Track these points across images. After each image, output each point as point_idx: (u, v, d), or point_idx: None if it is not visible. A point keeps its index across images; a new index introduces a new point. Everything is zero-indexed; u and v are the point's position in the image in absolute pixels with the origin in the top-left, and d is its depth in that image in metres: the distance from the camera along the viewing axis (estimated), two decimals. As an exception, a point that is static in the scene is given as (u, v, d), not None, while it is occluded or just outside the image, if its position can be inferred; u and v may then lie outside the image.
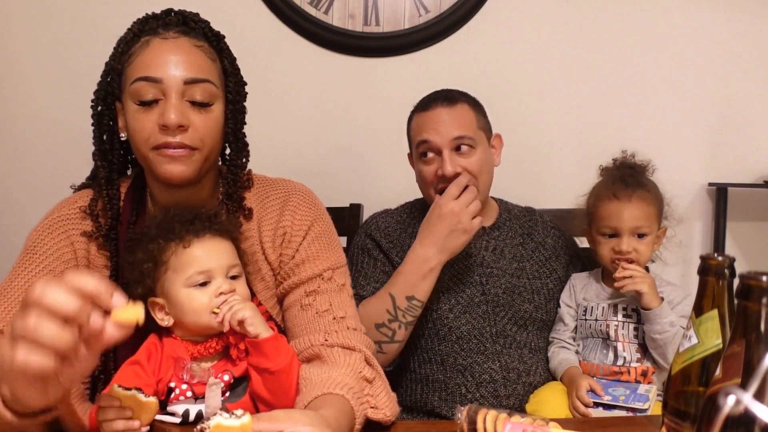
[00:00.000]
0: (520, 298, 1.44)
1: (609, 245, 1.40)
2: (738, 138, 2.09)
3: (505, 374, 1.38)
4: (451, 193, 1.34)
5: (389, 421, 0.98)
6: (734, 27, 2.06)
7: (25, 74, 2.02)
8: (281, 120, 2.04)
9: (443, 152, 1.39)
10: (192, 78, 0.99)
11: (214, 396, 0.95)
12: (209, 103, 1.02)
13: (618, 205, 1.38)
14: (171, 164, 0.99)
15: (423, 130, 1.42)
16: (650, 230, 1.39)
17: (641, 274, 1.34)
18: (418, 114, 1.46)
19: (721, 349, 0.67)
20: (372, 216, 1.56)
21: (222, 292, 0.97)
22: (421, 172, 1.44)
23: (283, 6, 1.99)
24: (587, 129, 2.07)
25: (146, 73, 0.99)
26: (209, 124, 1.02)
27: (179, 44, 1.01)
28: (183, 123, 0.98)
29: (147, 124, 0.98)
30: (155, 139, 0.98)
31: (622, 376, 1.35)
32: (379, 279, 1.43)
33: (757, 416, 0.47)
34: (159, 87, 0.98)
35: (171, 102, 0.97)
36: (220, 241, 1.01)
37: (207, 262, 0.98)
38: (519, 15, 2.04)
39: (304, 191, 1.16)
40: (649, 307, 1.32)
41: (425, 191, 1.47)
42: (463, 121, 1.41)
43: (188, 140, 0.99)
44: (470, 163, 1.40)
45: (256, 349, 0.94)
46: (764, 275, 0.54)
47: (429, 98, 1.46)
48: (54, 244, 1.04)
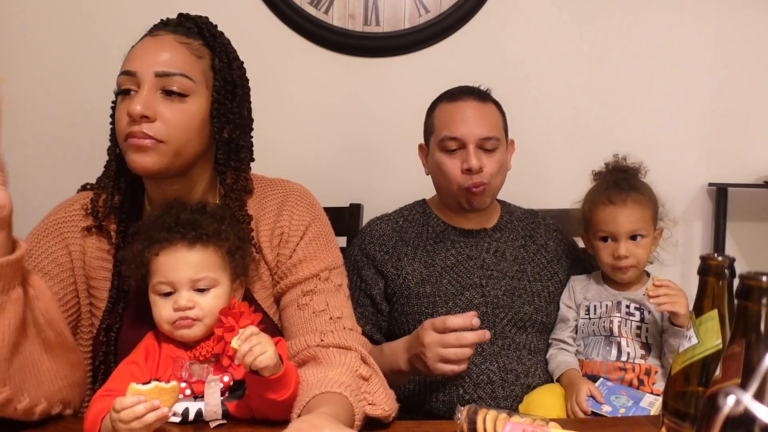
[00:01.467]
0: (520, 300, 1.44)
1: (607, 250, 1.40)
2: (738, 138, 2.09)
3: (503, 376, 1.38)
4: (449, 341, 1.17)
5: (388, 417, 0.98)
6: (734, 27, 2.06)
7: (24, 74, 2.01)
8: (281, 120, 2.04)
9: (468, 147, 1.38)
10: (163, 71, 1.01)
11: (213, 393, 0.94)
12: (184, 94, 1.02)
13: (613, 209, 1.39)
14: (137, 154, 1.00)
15: (452, 122, 1.41)
16: (647, 232, 1.39)
17: (675, 291, 1.30)
18: (445, 103, 1.45)
19: (721, 350, 0.67)
20: (367, 224, 1.55)
21: (178, 308, 0.95)
22: (443, 165, 1.42)
23: (283, 6, 1.99)
24: (587, 129, 2.07)
25: (126, 67, 1.03)
26: (180, 117, 1.02)
27: (161, 40, 1.04)
28: (147, 113, 0.99)
29: (122, 115, 1.01)
30: (123, 129, 1.01)
31: (626, 374, 1.35)
32: (363, 303, 1.45)
33: (756, 416, 0.47)
34: (134, 80, 1.01)
35: (140, 93, 1.00)
36: (195, 251, 0.98)
37: (170, 273, 0.96)
38: (519, 15, 2.04)
39: (302, 191, 1.16)
40: (682, 326, 1.29)
41: (443, 183, 1.45)
42: (492, 120, 1.42)
43: (152, 131, 1.00)
44: (492, 163, 1.40)
45: (264, 383, 0.91)
46: (764, 275, 0.54)
47: (458, 90, 1.46)
48: (49, 247, 1.06)
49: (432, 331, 1.15)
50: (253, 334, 0.89)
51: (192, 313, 0.96)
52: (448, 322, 1.04)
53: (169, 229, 0.98)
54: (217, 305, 0.98)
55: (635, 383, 1.34)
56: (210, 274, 0.98)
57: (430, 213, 1.53)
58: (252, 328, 0.91)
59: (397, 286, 1.44)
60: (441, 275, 1.43)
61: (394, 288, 1.44)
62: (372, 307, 1.46)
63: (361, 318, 1.42)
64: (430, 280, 1.43)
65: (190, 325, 0.97)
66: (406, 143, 1.62)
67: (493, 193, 1.45)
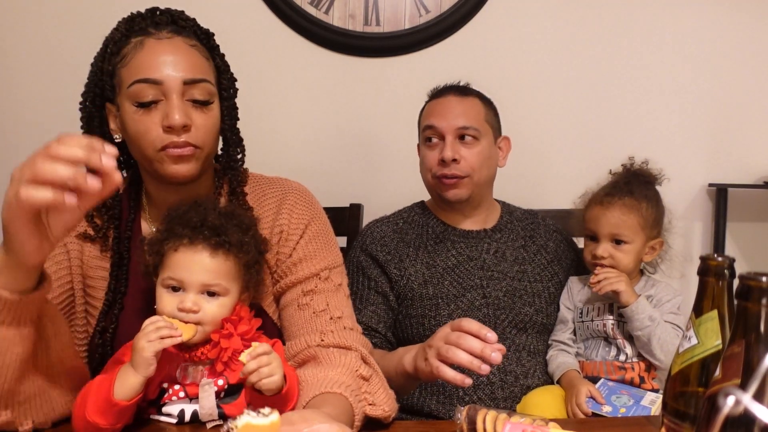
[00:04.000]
0: (521, 302, 1.44)
1: (589, 248, 1.44)
2: (738, 139, 2.09)
3: (503, 377, 1.38)
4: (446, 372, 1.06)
5: (388, 418, 0.98)
6: (734, 28, 2.06)
7: (23, 74, 2.01)
8: (281, 120, 2.04)
9: (446, 138, 1.41)
10: (191, 78, 1.00)
11: (207, 397, 0.93)
12: (209, 101, 1.03)
13: (599, 209, 1.41)
14: (177, 164, 1.00)
15: (431, 115, 1.46)
16: (630, 239, 1.39)
17: (614, 274, 1.36)
18: (429, 101, 1.51)
19: (720, 350, 0.67)
20: (367, 226, 1.55)
21: (182, 309, 0.93)
22: (423, 157, 1.47)
23: (284, 6, 1.99)
24: (587, 129, 2.07)
25: (146, 75, 0.98)
26: (210, 123, 1.03)
27: (175, 44, 1.02)
28: (187, 123, 0.98)
29: (150, 126, 0.98)
30: (161, 140, 0.98)
31: (627, 372, 1.35)
32: (374, 301, 1.43)
33: (756, 417, 0.47)
34: (159, 88, 0.98)
35: (174, 103, 0.98)
36: (215, 257, 0.96)
37: (184, 272, 0.95)
38: (519, 15, 2.04)
39: (301, 190, 1.16)
40: (626, 304, 1.34)
41: (424, 176, 1.49)
42: (471, 111, 1.44)
43: (192, 139, 1.00)
44: (471, 154, 1.42)
45: (264, 398, 0.90)
46: (764, 276, 0.54)
47: (443, 87, 1.51)
48: None
49: (448, 327, 1.11)
50: (264, 353, 0.87)
51: (194, 317, 0.94)
52: (464, 322, 1.03)
53: (195, 228, 0.96)
54: (221, 314, 0.96)
55: (636, 381, 1.34)
56: (223, 282, 0.96)
57: (430, 214, 1.53)
58: (265, 346, 0.89)
59: (401, 287, 1.43)
60: (443, 277, 1.43)
61: (398, 289, 1.44)
62: (385, 305, 1.43)
63: (374, 317, 1.41)
64: (432, 282, 1.42)
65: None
66: (406, 143, 1.62)
67: (473, 186, 1.43)
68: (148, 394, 0.94)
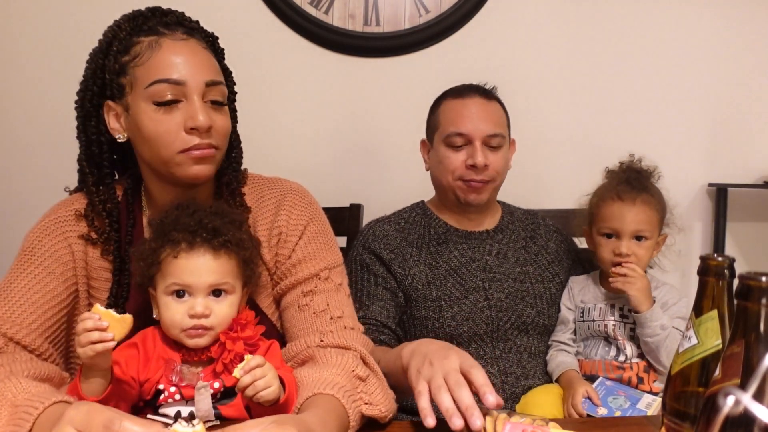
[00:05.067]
0: (522, 303, 1.43)
1: (609, 247, 1.40)
2: (738, 138, 2.09)
3: (504, 378, 1.38)
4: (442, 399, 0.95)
5: (385, 418, 0.97)
6: (734, 28, 2.06)
7: (23, 74, 2.02)
8: (281, 120, 2.04)
9: (475, 143, 1.39)
10: (212, 80, 1.01)
11: (203, 399, 0.93)
12: (224, 103, 1.04)
13: (621, 206, 1.38)
14: (198, 165, 1.00)
15: (458, 118, 1.42)
16: (651, 235, 1.38)
17: (637, 275, 1.34)
18: (451, 100, 1.46)
19: (720, 350, 0.67)
20: (367, 225, 1.53)
21: (194, 315, 0.93)
22: (446, 159, 1.42)
23: (283, 6, 1.99)
24: (587, 130, 2.07)
25: (167, 75, 0.98)
26: (226, 124, 1.04)
27: (191, 46, 1.02)
28: (211, 124, 0.99)
29: (172, 127, 0.98)
30: (183, 142, 0.98)
31: (625, 372, 1.35)
32: (383, 297, 1.41)
33: (756, 417, 0.47)
34: (181, 89, 0.98)
35: (197, 105, 0.98)
36: (219, 257, 0.96)
37: (190, 277, 0.94)
38: (519, 16, 2.04)
39: (300, 191, 1.16)
40: (638, 310, 1.32)
41: (442, 177, 1.44)
42: (497, 117, 1.44)
43: (214, 140, 1.01)
44: (497, 160, 1.42)
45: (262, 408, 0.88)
46: (764, 275, 0.54)
47: (464, 87, 1.47)
48: (52, 245, 1.04)
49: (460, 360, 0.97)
50: (258, 366, 0.86)
51: (207, 321, 0.94)
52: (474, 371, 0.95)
53: (192, 231, 0.95)
54: (231, 314, 0.96)
55: (634, 381, 1.34)
56: (230, 280, 0.97)
57: (431, 214, 1.52)
58: (258, 358, 0.87)
59: (406, 287, 1.42)
60: (445, 278, 1.42)
61: (402, 289, 1.43)
62: (393, 301, 1.41)
63: (383, 311, 1.39)
64: (435, 283, 1.42)
65: (202, 334, 0.95)
66: (406, 143, 1.62)
67: (493, 190, 1.45)
68: (143, 394, 0.94)
